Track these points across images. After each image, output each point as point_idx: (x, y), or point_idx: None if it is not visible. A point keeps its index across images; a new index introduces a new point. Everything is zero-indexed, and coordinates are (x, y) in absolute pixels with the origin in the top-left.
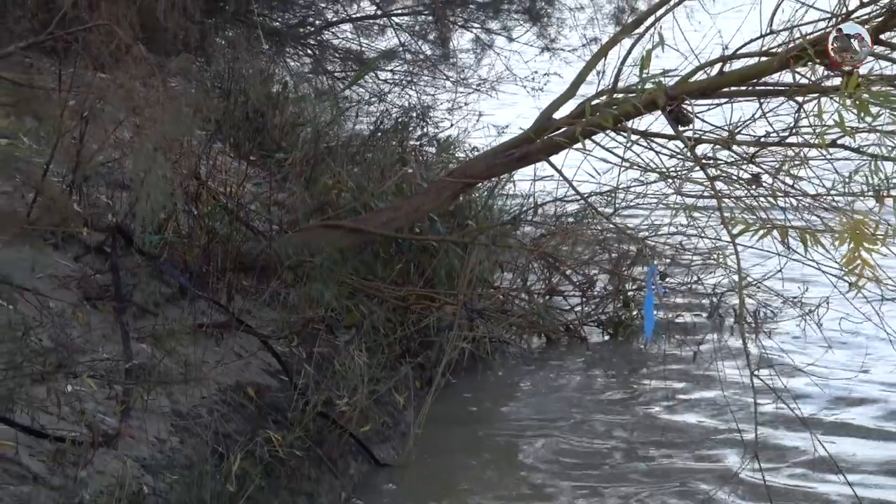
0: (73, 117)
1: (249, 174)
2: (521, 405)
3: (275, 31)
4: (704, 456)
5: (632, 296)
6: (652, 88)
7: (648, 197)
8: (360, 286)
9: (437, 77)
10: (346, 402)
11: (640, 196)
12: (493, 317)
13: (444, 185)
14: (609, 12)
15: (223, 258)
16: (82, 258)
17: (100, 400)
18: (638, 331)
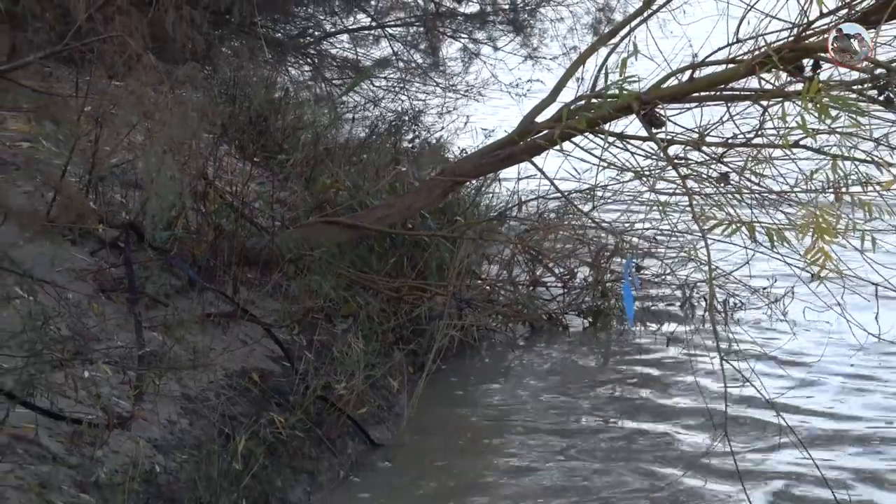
0: (88, 122)
1: (253, 174)
2: (507, 388)
3: (277, 42)
4: (677, 436)
5: (610, 287)
6: (626, 94)
7: (625, 194)
8: (357, 278)
9: (428, 83)
10: (343, 387)
11: (616, 193)
12: (481, 306)
13: (435, 183)
14: (587, 23)
15: (229, 252)
16: (98, 253)
17: (114, 385)
18: (616, 319)
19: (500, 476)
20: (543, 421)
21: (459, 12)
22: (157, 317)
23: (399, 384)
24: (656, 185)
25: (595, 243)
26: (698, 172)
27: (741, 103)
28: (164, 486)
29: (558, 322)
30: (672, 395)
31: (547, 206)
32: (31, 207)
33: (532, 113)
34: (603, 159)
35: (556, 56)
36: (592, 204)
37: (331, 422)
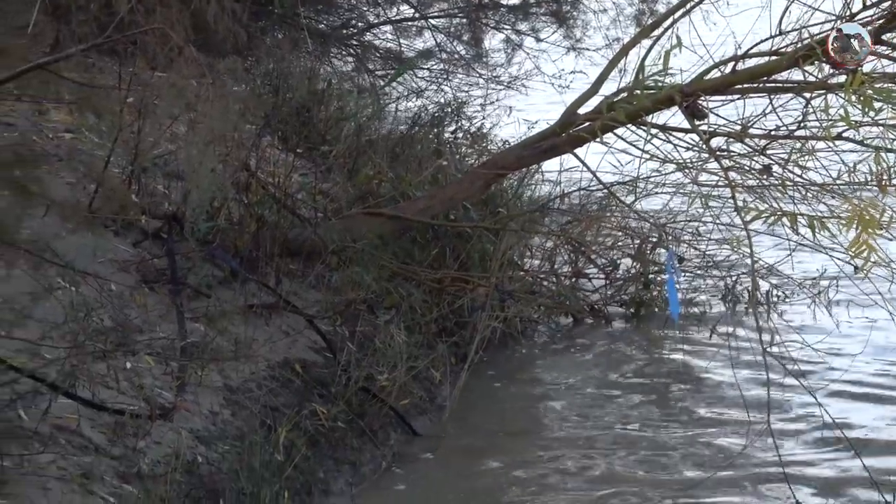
0: (131, 113)
1: (296, 165)
2: (549, 380)
3: (320, 33)
4: (719, 428)
5: (652, 278)
6: (669, 86)
7: (667, 186)
8: (399, 270)
9: (471, 75)
10: (386, 378)
11: (659, 185)
12: (523, 298)
13: (477, 175)
14: (630, 14)
15: (271, 244)
16: (140, 244)
17: (157, 376)
18: (658, 310)
19: (542, 467)
20: (586, 413)
21: (502, 3)
22: (200, 308)
23: (441, 375)
24: (699, 177)
25: (637, 235)
26: (741, 164)
27: (784, 95)
28: (206, 477)
29: (601, 314)
30: (713, 387)
31: (589, 198)
32: (74, 199)
33: (574, 105)
34: (645, 151)
35: (599, 47)
36: (635, 196)
37: (373, 413)
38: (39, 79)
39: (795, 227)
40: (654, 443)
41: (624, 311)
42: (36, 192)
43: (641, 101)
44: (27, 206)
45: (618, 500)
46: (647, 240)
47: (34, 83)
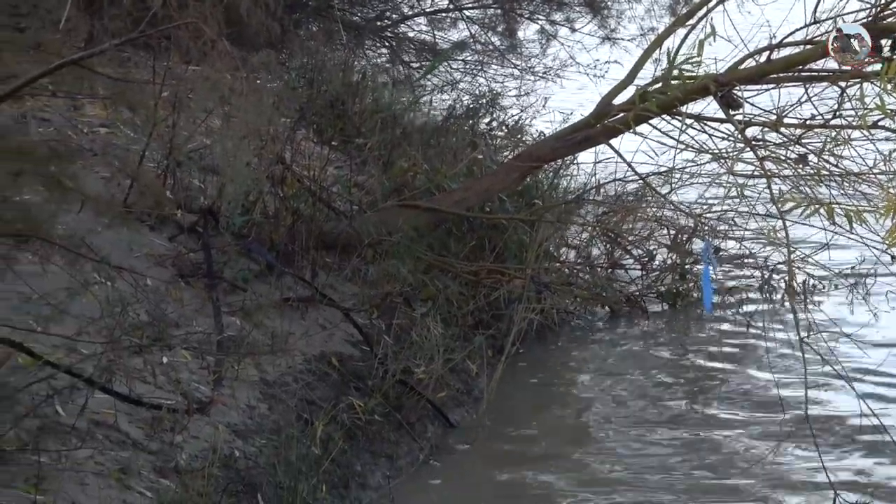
0: (165, 107)
1: (331, 158)
2: (586, 371)
3: (354, 25)
4: (757, 421)
5: (688, 268)
6: (704, 76)
7: (702, 176)
8: (435, 262)
9: (506, 66)
10: (423, 370)
11: (694, 176)
12: (559, 289)
13: (513, 167)
14: (665, 3)
15: (307, 237)
16: (176, 238)
17: (193, 370)
18: (694, 301)
19: (579, 460)
20: (622, 405)
21: None
22: (236, 302)
23: (478, 367)
24: (734, 167)
25: (673, 225)
26: (776, 154)
27: (819, 84)
28: (243, 471)
29: (637, 305)
30: (750, 377)
31: (625, 189)
32: (109, 194)
33: (609, 95)
34: (680, 141)
35: (634, 37)
36: (670, 186)
37: (410, 405)
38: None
39: (832, 216)
40: (689, 435)
41: (660, 302)
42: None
43: (675, 91)
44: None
45: (654, 495)
46: (682, 230)
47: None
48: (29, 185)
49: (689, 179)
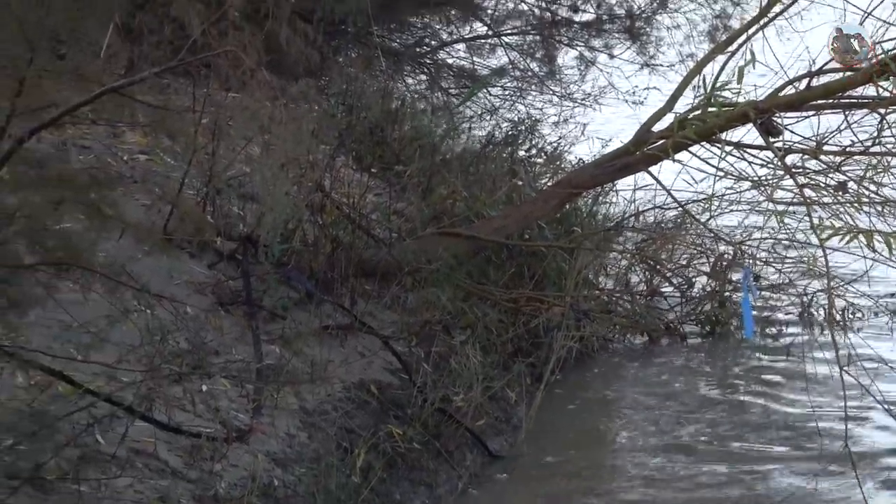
0: (205, 135)
1: (370, 185)
2: (624, 399)
3: (393, 52)
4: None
5: (728, 296)
6: (745, 103)
7: (742, 204)
8: (474, 289)
9: (545, 92)
10: (462, 398)
11: (734, 203)
12: (599, 317)
13: (552, 194)
14: (704, 30)
15: (346, 264)
16: (216, 266)
17: (233, 398)
18: (734, 329)
19: (618, 488)
20: (661, 433)
21: (576, 20)
22: (275, 330)
23: (517, 395)
24: (774, 195)
25: (713, 253)
26: (816, 181)
27: (859, 111)
28: (282, 500)
29: (676, 332)
30: (789, 406)
31: (664, 216)
32: (149, 221)
33: (648, 122)
34: (720, 169)
35: (673, 63)
36: (710, 213)
37: (449, 434)
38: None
39: (871, 244)
40: (728, 465)
41: (699, 330)
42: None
43: (714, 118)
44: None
45: None
46: (722, 258)
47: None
48: (70, 213)
49: (728, 207)
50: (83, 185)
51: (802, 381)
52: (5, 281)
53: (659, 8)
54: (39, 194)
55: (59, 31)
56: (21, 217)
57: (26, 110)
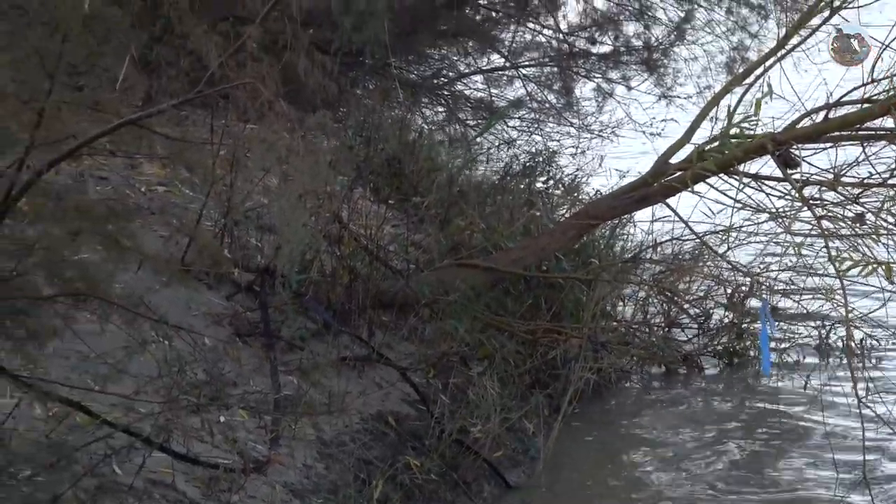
0: (223, 166)
1: (388, 217)
2: (642, 430)
3: (411, 83)
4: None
5: (745, 327)
6: (761, 134)
7: (760, 235)
8: (492, 321)
9: (562, 123)
10: (479, 430)
11: (751, 235)
12: (616, 348)
13: (569, 225)
14: (721, 62)
15: (364, 296)
16: (233, 297)
17: (250, 429)
18: (751, 360)
19: None
20: (679, 465)
21: (593, 52)
22: (293, 361)
23: (535, 427)
24: (792, 226)
25: (730, 284)
26: (834, 213)
27: (876, 143)
28: None
29: (694, 364)
30: (808, 438)
31: (682, 248)
32: (167, 252)
33: (666, 154)
34: (738, 200)
35: (690, 95)
36: (727, 245)
37: (466, 465)
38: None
39: (890, 275)
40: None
41: (717, 362)
42: (129, 246)
43: (733, 150)
44: (120, 261)
45: None
46: (739, 289)
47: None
48: (88, 245)
49: (746, 238)
50: (101, 216)
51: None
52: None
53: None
54: (58, 226)
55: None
56: (39, 248)
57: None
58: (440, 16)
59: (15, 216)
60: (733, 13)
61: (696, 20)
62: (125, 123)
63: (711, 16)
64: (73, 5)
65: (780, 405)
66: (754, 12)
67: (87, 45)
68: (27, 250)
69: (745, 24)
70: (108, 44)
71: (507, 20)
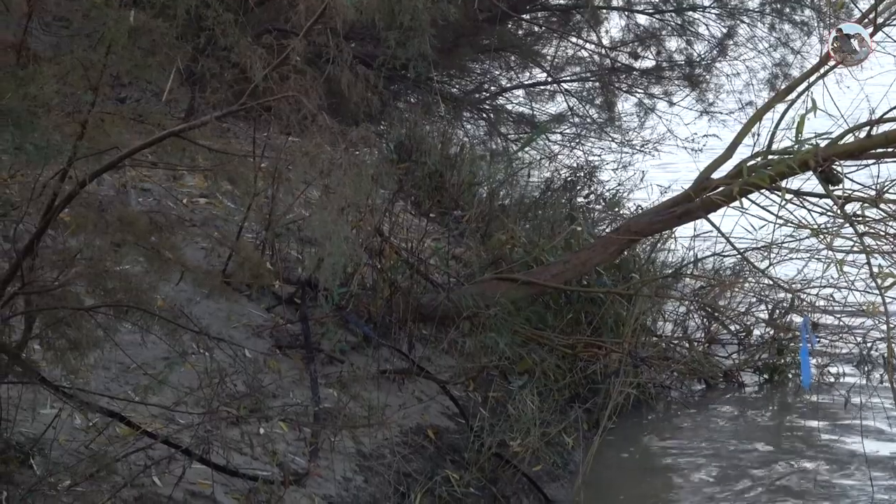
0: (265, 179)
1: (429, 230)
2: (681, 446)
3: (453, 97)
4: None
5: (786, 343)
6: (804, 151)
7: (801, 252)
8: (532, 335)
9: (604, 138)
10: (518, 444)
11: (793, 251)
12: (656, 364)
13: (610, 240)
14: (763, 78)
15: (404, 309)
16: (274, 309)
17: (290, 441)
18: (791, 376)
19: None
20: (718, 480)
21: (635, 67)
22: (333, 373)
23: (574, 441)
24: (833, 243)
25: (771, 300)
26: (876, 229)
27: None
28: None
29: (734, 379)
30: (847, 456)
31: (723, 263)
32: (208, 264)
33: (708, 169)
34: (779, 216)
35: (732, 111)
36: (769, 261)
37: (505, 479)
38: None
39: None
40: None
41: (757, 377)
42: (171, 258)
43: (778, 166)
44: (162, 272)
45: None
46: (780, 305)
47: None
48: (130, 256)
49: (787, 254)
50: (144, 228)
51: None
52: (66, 322)
53: (719, 56)
54: (101, 237)
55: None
56: (82, 259)
57: (88, 153)
58: (483, 30)
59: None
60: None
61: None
62: (168, 135)
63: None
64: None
65: (820, 421)
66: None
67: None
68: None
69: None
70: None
71: (550, 35)
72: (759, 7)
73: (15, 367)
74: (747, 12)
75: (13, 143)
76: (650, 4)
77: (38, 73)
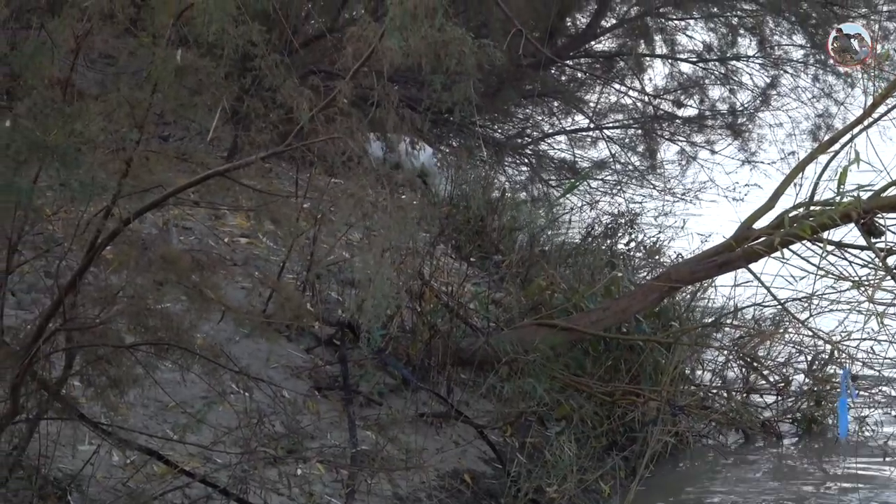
0: (307, 220)
1: (469, 274)
2: (717, 496)
3: (495, 142)
4: None
5: (825, 395)
6: (847, 203)
7: (842, 304)
8: (571, 381)
9: (645, 186)
10: (555, 490)
11: (833, 302)
12: (695, 413)
13: (651, 288)
14: (806, 129)
15: (443, 352)
16: (313, 350)
17: (327, 483)
18: (830, 427)
19: None
20: None
21: (678, 116)
22: (371, 416)
23: (610, 489)
24: (874, 295)
25: (811, 351)
26: None
27: None
28: None
29: (772, 430)
30: None
31: (762, 314)
32: (249, 304)
33: (750, 219)
34: (820, 268)
35: (774, 161)
36: (809, 312)
37: None
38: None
39: None
40: None
41: (795, 428)
42: (212, 297)
43: (820, 217)
44: (203, 311)
45: None
46: (820, 357)
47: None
48: (171, 294)
49: (828, 306)
50: (186, 267)
51: None
52: (106, 360)
53: (762, 105)
54: (142, 275)
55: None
56: (123, 297)
57: (132, 191)
58: (526, 75)
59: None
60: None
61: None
62: (214, 174)
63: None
64: (166, 57)
65: (858, 471)
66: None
67: (178, 97)
68: (111, 298)
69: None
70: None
71: (593, 81)
72: (802, 58)
73: (55, 403)
74: (791, 63)
75: (58, 179)
76: (694, 53)
77: (83, 110)
